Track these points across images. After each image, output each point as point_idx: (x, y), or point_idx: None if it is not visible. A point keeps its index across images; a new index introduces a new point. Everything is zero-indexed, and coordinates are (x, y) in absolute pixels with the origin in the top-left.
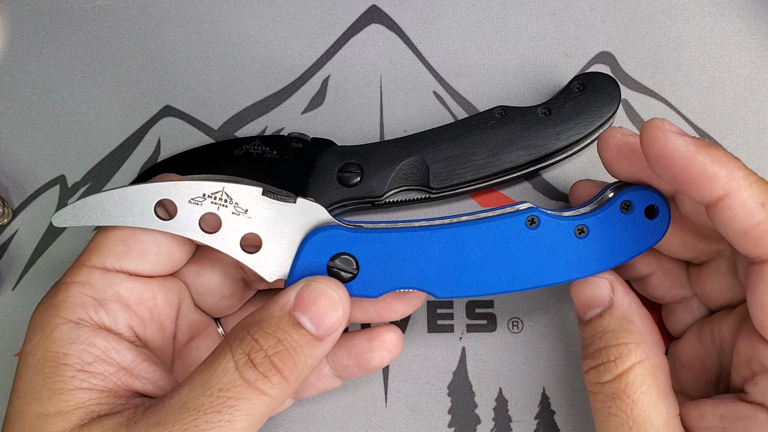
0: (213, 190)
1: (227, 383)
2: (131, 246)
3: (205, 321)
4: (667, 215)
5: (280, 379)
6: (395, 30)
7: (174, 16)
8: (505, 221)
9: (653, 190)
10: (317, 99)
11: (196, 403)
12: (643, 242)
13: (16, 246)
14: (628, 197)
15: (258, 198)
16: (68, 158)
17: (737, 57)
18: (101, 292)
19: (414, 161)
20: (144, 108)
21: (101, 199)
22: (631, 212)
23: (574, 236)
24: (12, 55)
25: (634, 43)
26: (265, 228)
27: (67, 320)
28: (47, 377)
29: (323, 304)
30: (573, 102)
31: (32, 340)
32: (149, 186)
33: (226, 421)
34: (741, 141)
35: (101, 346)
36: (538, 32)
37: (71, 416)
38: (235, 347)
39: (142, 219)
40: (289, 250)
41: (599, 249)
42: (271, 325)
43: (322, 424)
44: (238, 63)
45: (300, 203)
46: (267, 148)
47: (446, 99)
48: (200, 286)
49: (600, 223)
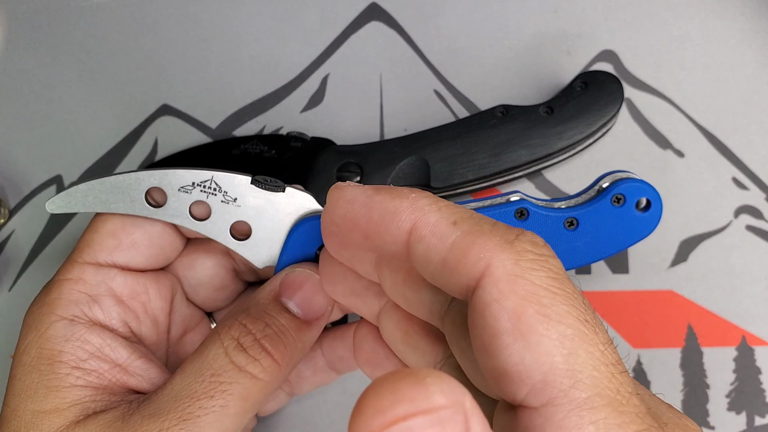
0: (202, 179)
1: (218, 368)
2: (122, 239)
3: (198, 315)
4: (659, 208)
5: (271, 362)
6: (395, 27)
7: (171, 15)
8: (493, 212)
9: (646, 183)
10: (316, 97)
11: (188, 391)
12: (633, 235)
13: (13, 246)
14: (621, 190)
15: (247, 187)
16: (65, 158)
17: (741, 55)
18: (94, 288)
19: (414, 160)
20: (141, 107)
21: (93, 186)
22: (623, 205)
23: (563, 228)
24: (8, 53)
25: (637, 41)
26: (254, 216)
27: (62, 317)
28: (42, 375)
29: (309, 289)
30: (575, 101)
31: (27, 339)
32: (140, 174)
33: (220, 406)
34: (745, 140)
35: (96, 343)
36: (540, 30)
37: (67, 413)
38: (224, 333)
39: (134, 206)
40: (278, 238)
41: (589, 242)
42: (258, 311)
43: (320, 425)
44: (236, 61)
45: (289, 192)
46: (265, 147)
47: (447, 97)
48: (192, 278)
49: (590, 216)
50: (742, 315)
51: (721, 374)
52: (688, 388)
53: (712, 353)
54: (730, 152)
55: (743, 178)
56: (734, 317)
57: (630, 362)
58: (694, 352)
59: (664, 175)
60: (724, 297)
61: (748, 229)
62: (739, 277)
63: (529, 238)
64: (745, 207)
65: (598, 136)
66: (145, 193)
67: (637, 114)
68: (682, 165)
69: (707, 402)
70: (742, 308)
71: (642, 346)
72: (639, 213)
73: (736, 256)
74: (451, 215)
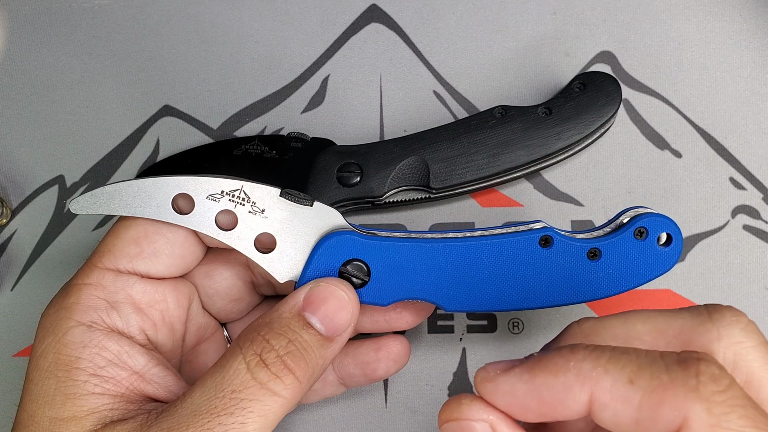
0: (232, 188)
1: (239, 384)
2: (143, 247)
3: (212, 325)
4: (680, 244)
5: (293, 380)
6: (395, 29)
7: (173, 16)
8: (518, 239)
9: (669, 219)
10: (317, 98)
11: (208, 406)
12: (654, 270)
13: (15, 246)
14: (643, 224)
15: (275, 199)
16: (67, 158)
17: (739, 56)
18: (113, 295)
19: (414, 161)
20: (143, 107)
21: (120, 188)
22: (645, 239)
23: (586, 259)
24: (11, 54)
25: (635, 42)
26: (280, 229)
27: (80, 323)
28: (60, 381)
29: (333, 305)
30: (574, 101)
31: (43, 343)
32: (168, 179)
33: (239, 423)
34: (742, 141)
35: (114, 350)
36: (538, 31)
37: (85, 422)
38: (246, 348)
39: (159, 211)
40: (303, 252)
41: (611, 273)
42: (281, 326)
43: (322, 425)
44: (237, 62)
45: (317, 207)
46: (266, 147)
47: (446, 98)
48: (209, 288)
49: (613, 248)
50: None
51: None
52: None
53: None
54: (727, 153)
55: (740, 178)
56: None
57: None
58: None
59: (661, 175)
60: (722, 296)
61: (745, 228)
62: (736, 277)
63: (709, 376)
64: (742, 207)
65: (597, 136)
66: (172, 199)
67: (635, 115)
68: (680, 165)
69: None
70: (740, 307)
71: None
72: (660, 248)
73: (734, 255)
74: (622, 374)
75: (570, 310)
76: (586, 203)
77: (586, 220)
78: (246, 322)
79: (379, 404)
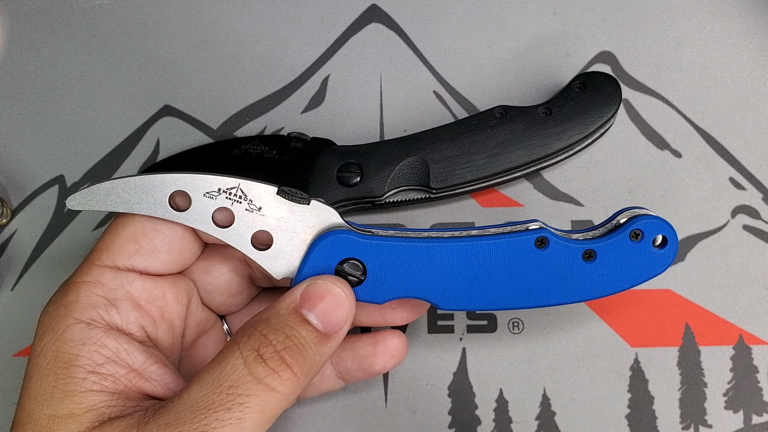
0: (228, 186)
1: (236, 380)
2: (142, 244)
3: (211, 319)
4: (675, 246)
5: (290, 375)
6: (395, 29)
7: (173, 16)
8: (514, 240)
9: (664, 221)
10: (317, 98)
11: (205, 402)
12: (648, 271)
13: (15, 246)
14: (639, 226)
15: (272, 197)
16: (67, 158)
17: (738, 57)
18: (112, 292)
19: (414, 161)
20: (143, 107)
21: (117, 185)
22: (641, 241)
23: (581, 260)
24: (11, 54)
25: (635, 42)
26: (276, 227)
27: (79, 321)
28: (59, 378)
29: (330, 302)
30: (574, 102)
31: (43, 341)
32: (166, 176)
33: (236, 418)
34: (742, 141)
35: (112, 347)
36: (538, 31)
37: (83, 419)
38: (243, 344)
39: (156, 208)
40: (299, 250)
41: (605, 274)
42: (278, 322)
43: (322, 425)
44: (237, 62)
45: (313, 205)
46: (266, 147)
47: (446, 98)
48: (208, 283)
49: (608, 249)
50: (739, 314)
51: (718, 373)
52: (686, 387)
53: (710, 352)
54: (727, 153)
55: (740, 178)
56: (731, 316)
57: (628, 361)
58: (691, 351)
59: (661, 175)
60: (722, 296)
61: (745, 228)
62: (736, 277)
63: None
64: (742, 207)
65: (597, 136)
66: (169, 196)
67: (635, 115)
68: (680, 165)
69: (705, 400)
70: (740, 307)
71: (640, 345)
72: (655, 250)
73: (734, 255)
74: None
75: (569, 309)
76: (586, 203)
77: (586, 220)
78: (245, 313)
79: (379, 404)
